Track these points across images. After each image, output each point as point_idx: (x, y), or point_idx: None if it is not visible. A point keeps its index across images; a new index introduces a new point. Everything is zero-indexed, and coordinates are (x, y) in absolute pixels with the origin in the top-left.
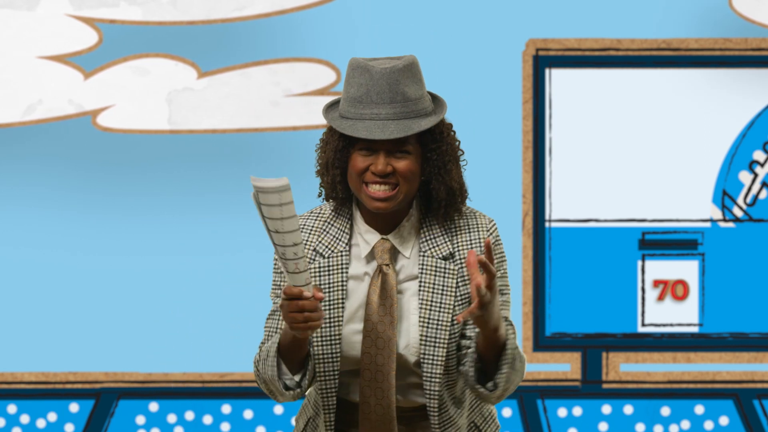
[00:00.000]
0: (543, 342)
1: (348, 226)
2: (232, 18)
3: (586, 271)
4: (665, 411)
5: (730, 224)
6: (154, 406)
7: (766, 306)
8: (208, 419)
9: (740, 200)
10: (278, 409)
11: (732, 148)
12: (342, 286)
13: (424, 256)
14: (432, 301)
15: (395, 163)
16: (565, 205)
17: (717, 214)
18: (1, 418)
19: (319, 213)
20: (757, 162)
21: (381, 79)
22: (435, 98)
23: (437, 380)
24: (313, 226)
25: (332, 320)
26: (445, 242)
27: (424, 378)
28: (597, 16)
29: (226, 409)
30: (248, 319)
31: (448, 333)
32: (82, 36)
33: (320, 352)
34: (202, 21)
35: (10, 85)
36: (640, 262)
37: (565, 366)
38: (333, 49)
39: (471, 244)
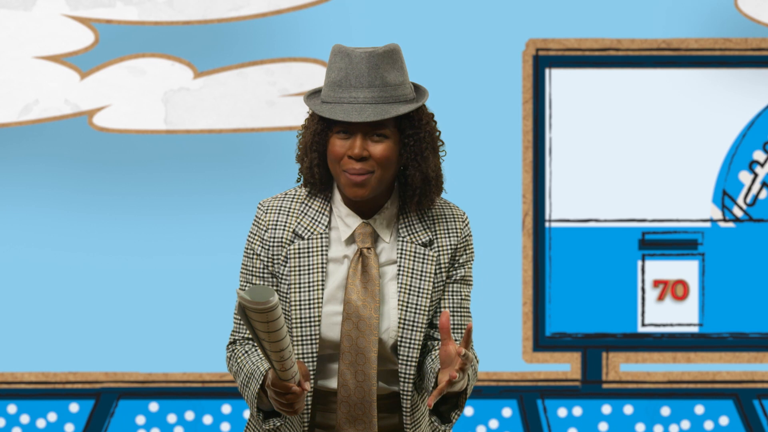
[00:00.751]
0: (543, 342)
1: (327, 208)
2: (228, 18)
3: (586, 271)
4: (665, 411)
5: (730, 224)
6: (154, 406)
7: (766, 306)
8: (208, 419)
9: (740, 200)
10: None
11: (732, 148)
12: (322, 268)
13: (403, 241)
14: (411, 286)
15: (371, 148)
16: (565, 205)
17: (717, 214)
18: (1, 418)
19: (295, 195)
20: (757, 162)
21: (360, 63)
22: (418, 88)
23: (413, 364)
24: (290, 208)
25: (312, 302)
26: (424, 229)
27: (400, 361)
28: (597, 16)
29: (226, 409)
30: None
31: (426, 317)
32: (79, 36)
33: (299, 334)
34: (199, 21)
35: (6, 85)
36: (640, 262)
37: (565, 366)
38: (329, 49)
39: (449, 233)
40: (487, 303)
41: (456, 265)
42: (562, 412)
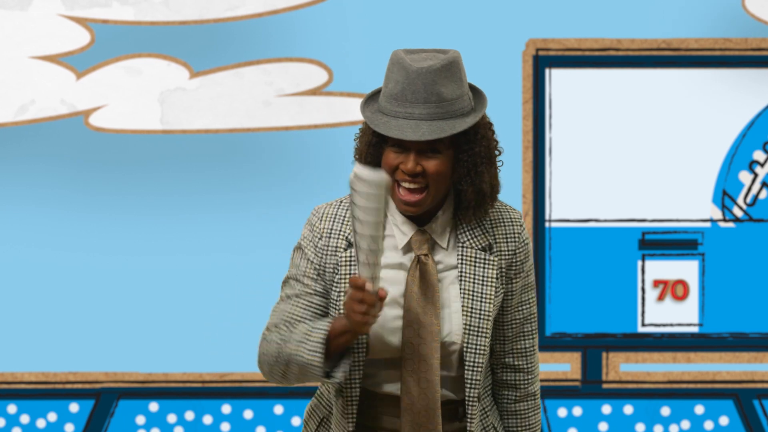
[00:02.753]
0: (543, 342)
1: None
2: (224, 18)
3: (586, 271)
4: (665, 411)
5: (730, 224)
6: (154, 406)
7: (766, 306)
8: (208, 419)
9: (740, 200)
10: (278, 409)
11: (732, 148)
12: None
13: (462, 247)
14: (474, 291)
15: (425, 163)
16: (565, 205)
17: (717, 214)
18: (1, 418)
19: (348, 202)
20: (757, 162)
21: (417, 79)
22: (476, 93)
23: (479, 369)
24: (345, 216)
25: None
26: (483, 234)
27: (466, 367)
28: (597, 16)
29: (226, 409)
30: (248, 319)
31: (490, 323)
32: (75, 36)
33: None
34: (195, 21)
35: (2, 85)
36: (640, 262)
37: (565, 366)
38: (325, 49)
39: (506, 237)
40: None
41: (521, 273)
42: (562, 412)
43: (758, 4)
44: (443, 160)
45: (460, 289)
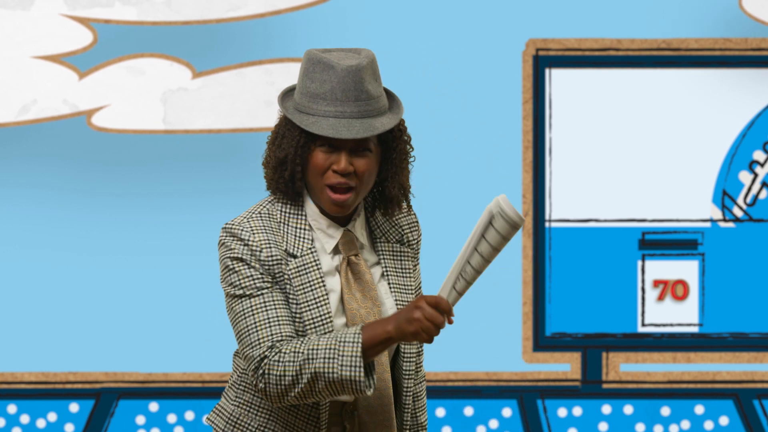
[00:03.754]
0: (543, 342)
1: (304, 223)
2: (226, 18)
3: (586, 271)
4: (665, 411)
5: (730, 224)
6: (154, 406)
7: (766, 306)
8: None
9: (740, 200)
10: None
11: (732, 148)
12: (321, 282)
13: (379, 242)
14: (401, 285)
15: (356, 162)
16: (565, 205)
17: (717, 214)
18: (1, 418)
19: (262, 212)
20: (757, 162)
21: (347, 77)
22: (389, 95)
23: (413, 359)
24: (269, 227)
25: (323, 317)
26: (392, 227)
27: (404, 358)
28: (597, 16)
29: None
30: None
31: None
32: (77, 36)
33: (312, 325)
34: (197, 21)
35: (4, 85)
36: (640, 262)
37: (565, 366)
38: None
39: (410, 227)
40: (487, 303)
41: (418, 257)
42: (562, 412)
43: (755, 3)
44: (373, 158)
45: (389, 284)
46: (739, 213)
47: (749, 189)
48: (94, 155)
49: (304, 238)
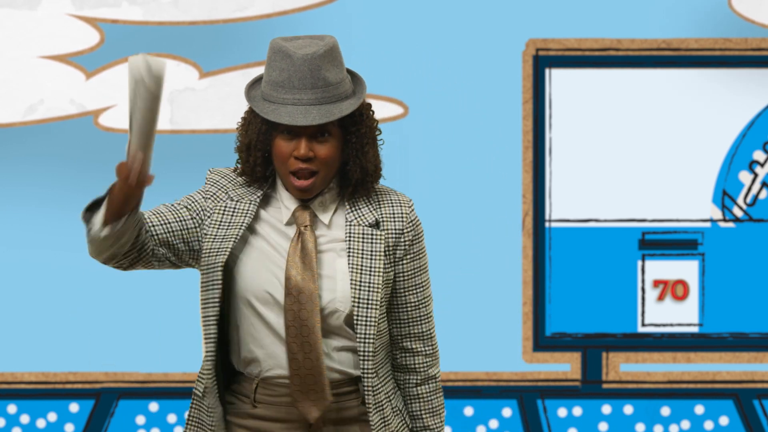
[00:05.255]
0: (543, 342)
1: (264, 185)
2: (233, 18)
3: (586, 271)
4: (665, 411)
5: (730, 224)
6: (154, 406)
7: (766, 306)
8: None
9: (740, 200)
10: None
11: (732, 148)
12: (240, 227)
13: (351, 225)
14: (362, 266)
15: (317, 148)
16: (565, 205)
17: (717, 214)
18: (1, 418)
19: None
20: (757, 162)
21: (303, 65)
22: (354, 77)
23: (371, 341)
24: (232, 177)
25: (220, 251)
26: (370, 212)
27: (358, 340)
28: (597, 16)
29: None
30: None
31: (379, 294)
32: (84, 36)
33: (205, 280)
34: (204, 21)
35: (11, 85)
36: (640, 262)
37: (565, 366)
38: None
39: (393, 216)
40: (487, 303)
41: (410, 254)
42: (562, 412)
43: (744, 3)
44: (333, 143)
45: (349, 264)
46: (739, 213)
47: (749, 189)
48: (100, 155)
49: (253, 193)
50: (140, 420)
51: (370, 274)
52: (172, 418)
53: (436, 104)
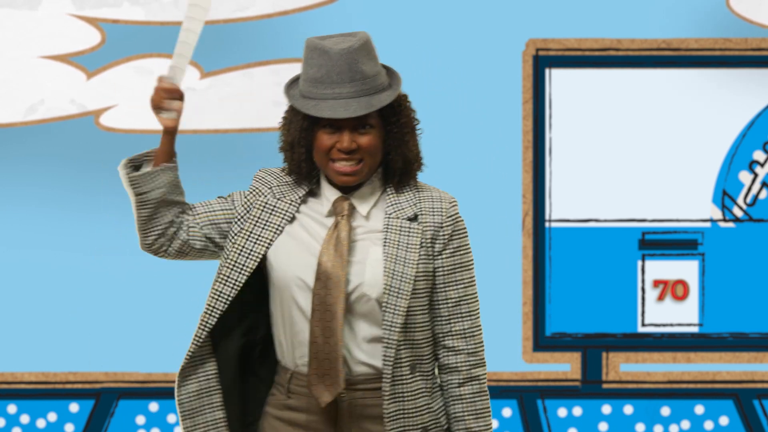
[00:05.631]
0: (543, 342)
1: (309, 184)
2: (234, 18)
3: (586, 271)
4: (665, 411)
5: (730, 224)
6: (154, 406)
7: (766, 306)
8: None
9: (740, 200)
10: None
11: (732, 148)
12: (277, 229)
13: (389, 217)
14: (397, 256)
15: (359, 139)
16: (565, 205)
17: (717, 214)
18: (1, 418)
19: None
20: (757, 162)
21: (340, 60)
22: (389, 71)
23: (396, 329)
24: (278, 175)
25: (252, 253)
26: (410, 206)
27: (383, 327)
28: (597, 16)
29: None
30: None
31: (410, 286)
32: (85, 36)
33: (227, 274)
34: (205, 21)
35: (11, 85)
36: (640, 262)
37: (565, 366)
38: None
39: (433, 211)
40: (487, 303)
41: (448, 248)
42: (562, 412)
43: (742, 3)
44: (375, 134)
45: (384, 253)
46: (739, 213)
47: (749, 189)
48: (101, 155)
49: (295, 192)
50: (140, 420)
51: (404, 265)
52: (172, 418)
53: (436, 104)
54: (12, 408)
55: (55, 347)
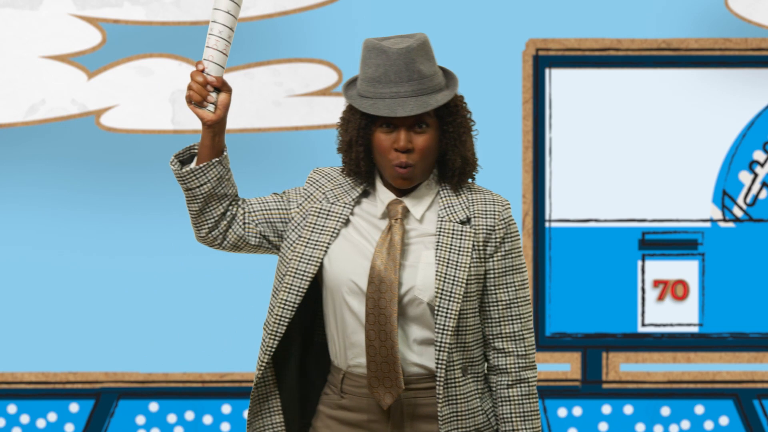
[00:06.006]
0: (543, 342)
1: (363, 184)
2: None
3: (586, 271)
4: (665, 411)
5: (730, 224)
6: (154, 406)
7: (766, 306)
8: (208, 419)
9: (740, 200)
10: None
11: (732, 148)
12: (333, 232)
13: (442, 221)
14: (449, 259)
15: (415, 139)
16: (565, 205)
17: (717, 214)
18: (1, 418)
19: (342, 170)
20: (757, 162)
21: (398, 59)
22: (446, 73)
23: (449, 333)
24: (333, 177)
25: (311, 258)
26: (463, 209)
27: (436, 330)
28: (597, 16)
29: (226, 409)
30: (248, 319)
31: (462, 289)
32: (86, 36)
33: (290, 283)
34: (206, 21)
35: (12, 85)
36: (640, 262)
37: (565, 366)
38: (335, 49)
39: (485, 214)
40: None
41: (500, 251)
42: (562, 412)
43: (741, 3)
44: (431, 133)
45: (436, 257)
46: (739, 213)
47: (749, 189)
48: (102, 155)
49: (349, 194)
50: (140, 420)
51: (456, 268)
52: (172, 418)
53: None
54: (12, 408)
55: (55, 347)
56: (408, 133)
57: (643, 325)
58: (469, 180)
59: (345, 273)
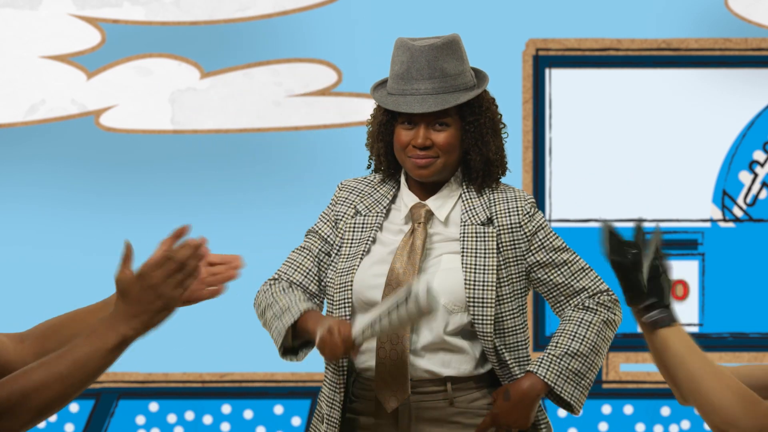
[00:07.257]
0: (543, 342)
1: (392, 192)
2: (234, 18)
3: None
4: (665, 411)
5: (730, 224)
6: (154, 406)
7: (766, 306)
8: (208, 419)
9: (740, 200)
10: (278, 409)
11: (732, 148)
12: (368, 240)
13: (465, 225)
14: (476, 265)
15: (434, 136)
16: (565, 205)
17: (717, 214)
18: None
19: (371, 180)
20: (757, 162)
21: (420, 56)
22: (478, 73)
23: (489, 339)
24: (360, 190)
25: (349, 269)
26: (484, 209)
27: (479, 336)
28: (597, 16)
29: (226, 409)
30: (248, 319)
31: (493, 293)
32: (85, 36)
33: (338, 298)
34: (205, 21)
35: (12, 85)
36: None
37: None
38: (334, 49)
39: (509, 212)
40: None
41: (535, 243)
42: (562, 412)
43: (740, 3)
44: (451, 131)
45: (462, 263)
46: (739, 213)
47: (749, 189)
48: (102, 155)
49: (380, 203)
50: (140, 420)
51: (483, 273)
52: (172, 418)
53: None
54: None
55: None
56: (427, 130)
57: None
58: (496, 182)
59: (366, 280)
